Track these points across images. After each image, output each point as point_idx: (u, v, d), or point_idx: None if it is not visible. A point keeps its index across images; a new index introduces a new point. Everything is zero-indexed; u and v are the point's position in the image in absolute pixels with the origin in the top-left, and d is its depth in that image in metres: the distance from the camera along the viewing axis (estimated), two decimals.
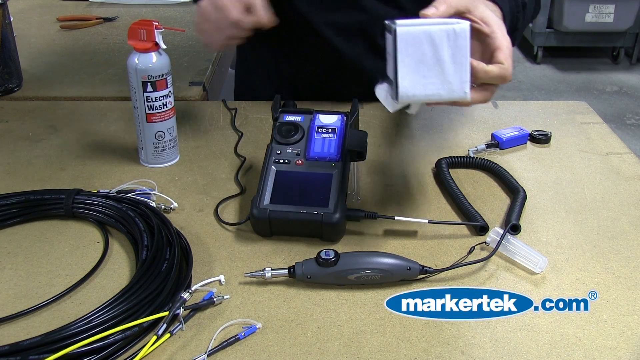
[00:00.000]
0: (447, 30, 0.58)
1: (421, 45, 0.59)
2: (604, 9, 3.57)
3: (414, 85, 0.60)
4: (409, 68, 0.59)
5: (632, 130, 3.09)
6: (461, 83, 0.60)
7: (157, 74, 0.79)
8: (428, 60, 0.59)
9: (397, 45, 0.59)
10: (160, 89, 0.79)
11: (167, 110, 0.82)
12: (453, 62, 0.59)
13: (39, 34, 1.47)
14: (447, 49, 0.59)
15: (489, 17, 0.65)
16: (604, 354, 0.56)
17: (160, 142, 0.83)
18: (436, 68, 0.59)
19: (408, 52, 0.59)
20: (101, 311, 0.56)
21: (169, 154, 0.85)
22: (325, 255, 0.63)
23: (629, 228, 0.74)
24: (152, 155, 0.84)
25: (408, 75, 0.59)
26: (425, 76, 0.59)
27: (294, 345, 0.57)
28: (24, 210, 0.73)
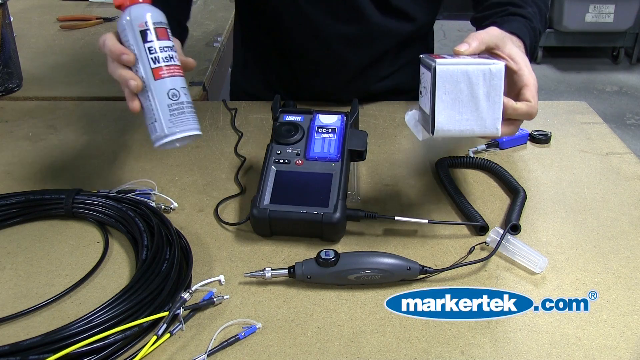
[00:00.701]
0: (483, 70, 0.61)
1: (458, 84, 0.61)
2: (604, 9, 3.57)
3: (450, 121, 0.62)
4: (446, 104, 0.62)
5: (632, 130, 3.09)
6: (494, 120, 0.62)
7: (156, 21, 0.66)
8: (464, 98, 0.62)
9: (436, 82, 0.61)
10: (162, 37, 0.66)
11: (174, 64, 0.67)
12: (487, 100, 0.62)
13: (39, 34, 1.47)
14: (483, 87, 0.61)
15: (516, 55, 0.68)
16: (604, 354, 0.56)
17: (176, 102, 0.65)
18: (471, 105, 0.62)
19: (446, 90, 0.61)
20: (101, 311, 0.56)
21: (189, 119, 0.66)
22: (325, 255, 0.63)
23: (629, 228, 0.74)
24: (170, 121, 0.65)
25: (444, 111, 0.62)
26: (461, 112, 0.62)
27: (294, 345, 0.57)
28: (24, 210, 0.73)
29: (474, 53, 0.66)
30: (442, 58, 0.63)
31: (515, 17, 0.80)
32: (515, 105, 0.64)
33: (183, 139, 0.66)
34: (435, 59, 0.62)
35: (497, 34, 0.68)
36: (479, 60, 0.62)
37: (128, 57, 0.65)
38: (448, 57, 0.64)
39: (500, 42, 0.68)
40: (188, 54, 0.72)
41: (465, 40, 0.66)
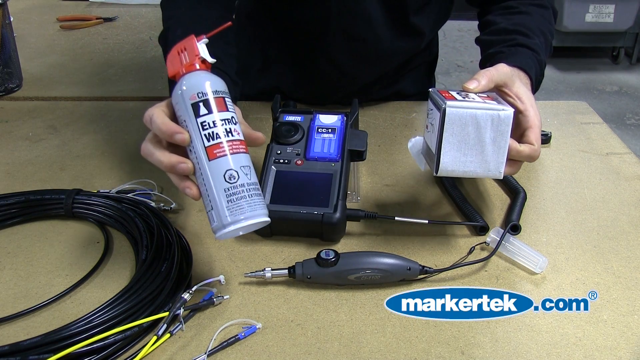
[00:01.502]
0: (492, 115, 0.62)
1: (466, 127, 0.62)
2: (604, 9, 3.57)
3: (454, 162, 0.63)
4: (452, 146, 0.63)
5: (632, 130, 3.09)
6: (498, 164, 0.63)
7: (210, 91, 0.56)
8: (470, 141, 0.62)
9: (445, 124, 0.62)
10: (218, 110, 0.56)
11: (234, 139, 0.56)
12: (493, 144, 0.62)
13: (39, 34, 1.47)
14: (490, 132, 0.62)
15: (523, 94, 0.68)
16: (604, 354, 0.56)
17: (234, 184, 0.55)
18: (477, 148, 0.63)
19: (453, 131, 0.62)
20: (101, 311, 0.56)
21: (252, 204, 0.56)
22: (325, 255, 0.63)
23: (629, 228, 0.74)
24: (228, 209, 0.55)
25: (450, 153, 0.63)
26: (466, 154, 0.63)
27: (294, 345, 0.57)
28: (24, 210, 0.73)
29: (483, 91, 0.66)
30: (451, 98, 0.63)
31: (523, 48, 0.79)
32: (519, 148, 0.64)
33: (247, 227, 0.56)
34: (446, 99, 0.62)
35: (507, 72, 0.68)
36: (489, 104, 0.63)
37: (183, 136, 0.55)
38: (457, 95, 0.64)
39: (509, 81, 0.68)
40: None
41: (474, 77, 0.67)
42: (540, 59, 0.79)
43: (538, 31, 0.83)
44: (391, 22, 0.93)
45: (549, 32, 0.86)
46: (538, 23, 0.85)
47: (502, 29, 0.85)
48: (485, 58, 0.83)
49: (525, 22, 0.84)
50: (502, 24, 0.86)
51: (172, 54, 0.59)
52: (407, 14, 0.92)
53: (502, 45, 0.81)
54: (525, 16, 0.86)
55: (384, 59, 0.99)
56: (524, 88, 0.69)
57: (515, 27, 0.83)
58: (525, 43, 0.80)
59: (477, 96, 0.65)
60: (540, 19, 0.86)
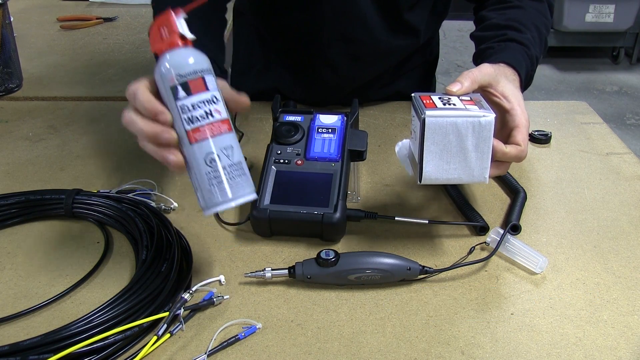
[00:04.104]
0: (473, 122, 0.61)
1: (447, 135, 0.61)
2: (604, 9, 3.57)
3: (437, 170, 0.63)
4: (434, 155, 0.62)
5: (632, 130, 3.09)
6: (482, 170, 0.63)
7: (188, 71, 0.55)
8: (452, 149, 0.62)
9: (425, 133, 0.61)
10: (197, 91, 0.55)
11: (214, 121, 0.55)
12: (476, 151, 0.62)
13: (39, 34, 1.47)
14: (472, 139, 0.62)
15: (509, 93, 0.67)
16: (604, 354, 0.56)
17: (214, 168, 0.55)
18: (460, 156, 0.62)
19: (434, 140, 0.62)
20: (101, 311, 0.56)
21: (233, 187, 0.55)
22: (325, 255, 0.63)
23: (629, 228, 0.74)
24: (210, 192, 0.55)
25: (432, 162, 0.62)
26: (449, 162, 0.62)
27: (294, 345, 0.57)
28: (24, 210, 0.73)
29: (466, 92, 0.66)
30: (431, 106, 0.62)
31: (513, 43, 0.79)
32: (504, 149, 0.64)
33: (233, 205, 0.56)
34: (426, 107, 0.62)
35: (490, 72, 0.68)
36: (470, 110, 0.62)
37: (166, 116, 0.54)
38: (438, 101, 0.64)
39: (493, 81, 0.68)
40: None
41: (457, 79, 0.66)
42: (531, 53, 0.78)
43: (531, 25, 0.83)
44: (385, 21, 0.93)
45: (543, 26, 0.85)
46: (532, 17, 0.84)
47: (495, 24, 0.85)
48: (477, 54, 0.83)
49: (519, 17, 0.84)
50: (495, 19, 0.85)
51: (154, 29, 0.57)
52: (400, 11, 0.92)
53: (493, 41, 0.81)
54: (518, 10, 0.86)
55: (381, 59, 0.99)
56: (510, 86, 0.69)
57: (508, 22, 0.83)
58: (516, 38, 0.79)
59: (459, 100, 0.64)
60: (535, 13, 0.86)
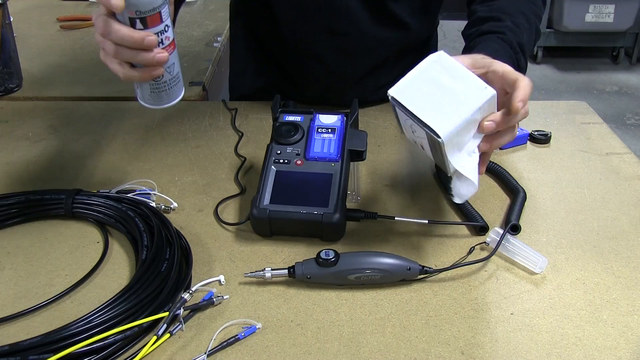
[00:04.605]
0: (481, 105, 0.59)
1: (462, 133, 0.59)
2: (604, 9, 3.57)
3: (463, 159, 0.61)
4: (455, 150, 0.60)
5: (632, 130, 3.09)
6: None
7: (147, 9, 0.60)
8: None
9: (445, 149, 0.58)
10: (152, 25, 0.61)
11: (164, 46, 0.63)
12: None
13: (39, 34, 1.47)
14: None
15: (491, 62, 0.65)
16: (604, 354, 0.56)
17: (157, 82, 0.66)
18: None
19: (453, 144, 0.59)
20: (101, 311, 0.56)
21: (169, 94, 0.68)
22: (325, 255, 0.63)
23: (629, 228, 0.74)
24: (150, 96, 0.67)
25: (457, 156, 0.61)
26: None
27: (294, 345, 0.57)
28: (24, 210, 0.73)
29: None
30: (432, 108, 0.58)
31: (486, 35, 0.78)
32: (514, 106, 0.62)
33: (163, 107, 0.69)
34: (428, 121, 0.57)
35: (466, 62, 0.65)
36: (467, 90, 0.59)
37: (152, 39, 0.60)
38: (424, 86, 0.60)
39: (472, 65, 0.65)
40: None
41: None
42: (508, 38, 0.76)
43: (516, 12, 0.82)
44: (370, 12, 0.92)
45: (531, 13, 0.84)
46: (518, 5, 0.84)
47: (478, 18, 0.84)
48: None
49: (503, 6, 0.83)
50: (480, 12, 0.85)
51: None
52: (385, 1, 0.92)
53: (472, 37, 0.81)
54: (505, 1, 0.85)
55: (370, 52, 0.98)
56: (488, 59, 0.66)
57: (491, 13, 0.83)
58: (492, 29, 0.79)
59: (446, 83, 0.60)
60: (522, 1, 0.85)
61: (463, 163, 0.61)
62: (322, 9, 0.91)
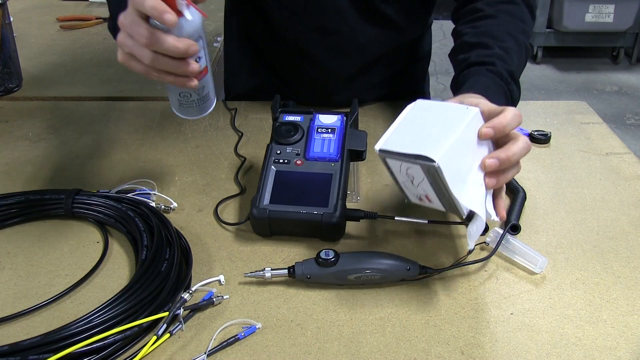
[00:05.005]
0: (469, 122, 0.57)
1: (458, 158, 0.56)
2: (603, 9, 3.57)
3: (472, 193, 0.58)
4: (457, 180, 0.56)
5: (632, 130, 3.09)
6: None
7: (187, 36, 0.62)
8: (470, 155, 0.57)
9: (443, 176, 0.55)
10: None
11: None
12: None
13: (39, 34, 1.47)
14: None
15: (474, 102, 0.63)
16: (604, 354, 0.56)
17: (185, 100, 0.69)
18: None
19: (451, 171, 0.55)
20: (101, 311, 0.56)
21: (197, 110, 0.70)
22: (325, 255, 0.63)
23: (629, 228, 0.74)
24: (178, 109, 0.70)
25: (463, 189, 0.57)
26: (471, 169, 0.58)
27: (294, 345, 0.57)
28: (24, 210, 0.73)
29: None
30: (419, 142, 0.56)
31: (474, 67, 0.75)
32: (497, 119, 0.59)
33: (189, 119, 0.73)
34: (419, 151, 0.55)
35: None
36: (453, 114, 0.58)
37: (195, 48, 0.60)
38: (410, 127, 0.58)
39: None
40: None
41: None
42: (497, 69, 0.73)
43: (505, 35, 0.79)
44: (359, 11, 0.92)
45: (519, 32, 0.81)
46: (505, 26, 0.80)
47: (465, 43, 0.81)
48: (451, 85, 0.80)
49: (490, 29, 0.80)
50: (466, 36, 0.81)
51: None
52: (374, 1, 0.91)
53: (460, 67, 0.78)
54: (491, 20, 0.82)
55: (361, 51, 0.98)
56: (473, 99, 0.65)
57: (478, 38, 0.79)
58: (480, 59, 0.75)
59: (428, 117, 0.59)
60: (509, 20, 0.82)
61: (469, 196, 0.58)
62: (313, 8, 0.91)
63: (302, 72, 1.01)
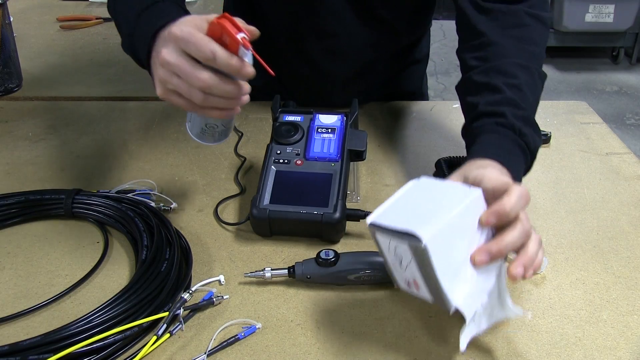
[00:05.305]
0: (467, 205, 0.51)
1: (451, 241, 0.50)
2: (603, 9, 3.57)
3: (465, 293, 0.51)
4: (447, 270, 0.49)
5: (632, 130, 3.09)
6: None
7: None
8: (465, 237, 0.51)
9: (431, 258, 0.48)
10: None
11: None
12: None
13: (39, 34, 1.47)
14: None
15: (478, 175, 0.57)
16: (604, 354, 0.56)
17: (210, 130, 0.67)
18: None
19: (441, 258, 0.49)
20: (101, 311, 0.56)
21: (215, 139, 0.69)
22: (325, 255, 0.63)
23: (629, 228, 0.74)
24: (197, 133, 0.68)
25: (452, 282, 0.50)
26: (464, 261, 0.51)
27: (294, 345, 0.57)
28: (24, 210, 0.73)
29: None
30: (411, 217, 0.50)
31: (487, 122, 0.67)
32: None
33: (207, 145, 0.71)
34: (408, 227, 0.48)
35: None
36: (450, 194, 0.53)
37: (250, 69, 0.58)
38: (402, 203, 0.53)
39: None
40: None
41: None
42: (509, 121, 0.66)
43: (514, 68, 0.70)
44: (357, 15, 0.92)
45: (532, 59, 0.73)
46: (514, 54, 0.72)
47: (472, 82, 0.73)
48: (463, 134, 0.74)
49: (498, 63, 0.71)
50: (474, 72, 0.73)
51: (216, 23, 0.57)
52: (372, 4, 0.91)
53: (470, 118, 0.71)
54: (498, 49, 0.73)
55: (358, 54, 0.97)
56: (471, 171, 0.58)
57: (487, 76, 0.71)
58: (488, 109, 0.68)
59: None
60: (518, 46, 0.73)
61: (460, 292, 0.50)
62: (310, 11, 0.91)
63: (300, 74, 1.01)
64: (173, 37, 0.57)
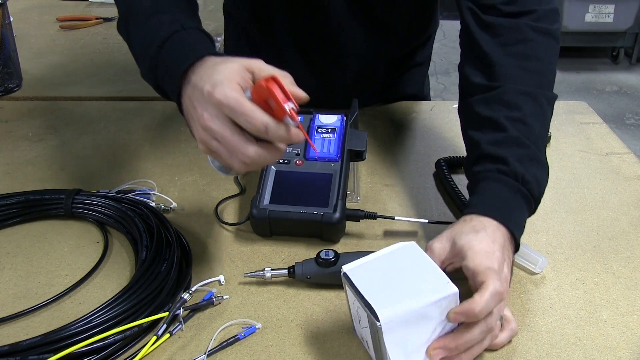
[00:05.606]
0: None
1: (409, 326, 0.50)
2: (603, 9, 3.57)
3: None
4: (399, 349, 0.50)
5: (632, 130, 3.09)
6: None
7: None
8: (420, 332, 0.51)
9: (384, 337, 0.49)
10: None
11: None
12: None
13: (39, 34, 1.47)
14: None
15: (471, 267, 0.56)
16: (604, 354, 0.56)
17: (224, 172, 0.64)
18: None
19: (395, 338, 0.50)
20: (101, 311, 0.56)
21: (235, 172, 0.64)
22: (325, 255, 0.63)
23: (629, 228, 0.74)
24: (219, 166, 0.63)
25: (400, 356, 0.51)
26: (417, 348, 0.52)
27: (294, 345, 0.57)
28: (23, 210, 0.73)
29: None
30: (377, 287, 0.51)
31: (489, 168, 0.64)
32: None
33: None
34: (372, 301, 0.49)
35: (442, 254, 0.59)
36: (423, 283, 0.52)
37: (301, 136, 0.54)
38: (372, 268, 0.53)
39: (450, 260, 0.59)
40: None
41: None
42: (511, 168, 0.63)
43: (519, 98, 0.67)
44: (359, 19, 0.91)
45: (537, 83, 0.69)
46: (522, 79, 0.68)
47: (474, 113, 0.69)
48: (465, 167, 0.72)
49: (501, 92, 0.68)
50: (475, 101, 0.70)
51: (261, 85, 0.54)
52: (375, 11, 0.90)
53: (472, 157, 0.68)
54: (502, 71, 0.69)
55: (360, 58, 0.97)
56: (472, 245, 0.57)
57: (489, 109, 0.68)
58: (491, 152, 0.65)
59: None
60: (522, 69, 0.69)
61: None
62: (312, 15, 0.91)
63: (301, 77, 1.00)
64: (216, 102, 0.52)
